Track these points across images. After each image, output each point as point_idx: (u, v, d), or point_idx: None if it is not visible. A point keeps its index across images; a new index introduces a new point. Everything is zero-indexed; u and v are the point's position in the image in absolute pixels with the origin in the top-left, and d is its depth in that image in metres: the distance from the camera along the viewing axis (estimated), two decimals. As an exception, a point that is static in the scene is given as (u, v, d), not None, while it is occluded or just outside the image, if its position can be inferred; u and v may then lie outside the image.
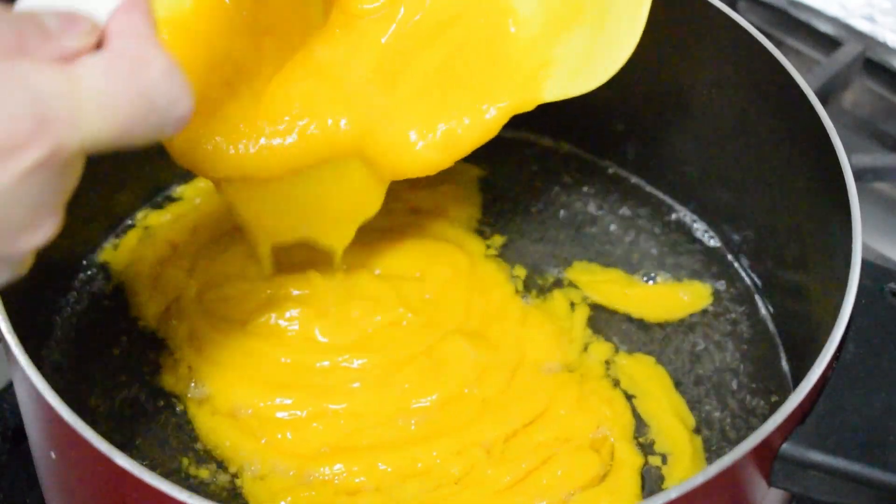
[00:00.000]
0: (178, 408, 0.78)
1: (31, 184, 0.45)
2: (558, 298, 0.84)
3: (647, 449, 0.77)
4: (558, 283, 0.86)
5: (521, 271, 0.86)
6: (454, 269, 0.84)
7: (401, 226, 0.87)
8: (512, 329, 0.81)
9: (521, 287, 0.85)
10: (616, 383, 0.80)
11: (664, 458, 0.77)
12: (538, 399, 0.77)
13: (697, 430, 0.79)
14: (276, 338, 0.79)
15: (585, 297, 0.85)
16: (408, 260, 0.85)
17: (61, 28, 0.47)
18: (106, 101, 0.46)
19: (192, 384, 0.78)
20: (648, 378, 0.81)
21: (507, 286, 0.84)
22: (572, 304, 0.84)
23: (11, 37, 0.45)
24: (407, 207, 0.89)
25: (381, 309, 0.81)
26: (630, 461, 0.75)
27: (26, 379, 0.60)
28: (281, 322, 0.80)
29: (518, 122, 0.94)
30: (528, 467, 0.74)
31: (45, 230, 0.47)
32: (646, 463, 0.76)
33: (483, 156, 0.93)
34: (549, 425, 0.76)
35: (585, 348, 0.82)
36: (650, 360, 0.82)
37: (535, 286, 0.86)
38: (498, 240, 0.89)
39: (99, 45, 0.48)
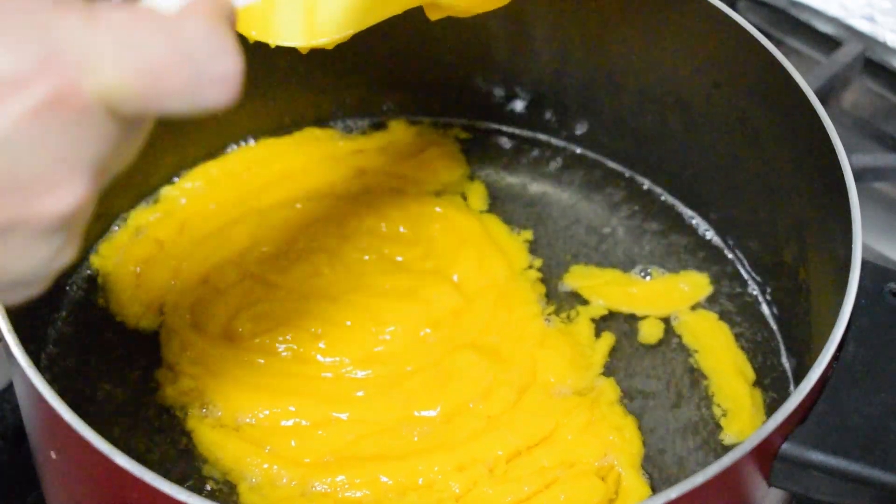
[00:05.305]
0: (178, 420, 0.77)
1: (40, 129, 0.41)
2: (583, 323, 0.83)
3: (707, 402, 0.78)
4: (572, 300, 0.84)
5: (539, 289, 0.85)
6: (491, 280, 0.84)
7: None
8: (528, 349, 0.80)
9: (545, 303, 0.84)
10: (678, 340, 0.81)
11: (724, 412, 0.78)
12: (545, 421, 0.76)
13: (757, 384, 0.79)
14: (274, 357, 0.79)
15: (610, 313, 0.83)
16: (453, 257, 0.85)
17: None
18: (126, 45, 0.42)
19: (195, 398, 0.77)
20: (710, 334, 0.82)
21: (533, 306, 0.83)
22: (597, 331, 0.82)
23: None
24: (397, 174, 0.90)
25: (404, 328, 0.81)
26: (637, 491, 0.74)
27: (26, 379, 0.60)
28: (278, 345, 0.79)
29: (515, 119, 0.95)
30: (531, 490, 0.72)
31: (66, 193, 0.42)
32: (653, 489, 0.75)
33: (472, 149, 0.94)
34: (555, 449, 0.75)
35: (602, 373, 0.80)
36: (713, 315, 0.83)
37: (557, 303, 0.84)
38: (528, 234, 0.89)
39: None
